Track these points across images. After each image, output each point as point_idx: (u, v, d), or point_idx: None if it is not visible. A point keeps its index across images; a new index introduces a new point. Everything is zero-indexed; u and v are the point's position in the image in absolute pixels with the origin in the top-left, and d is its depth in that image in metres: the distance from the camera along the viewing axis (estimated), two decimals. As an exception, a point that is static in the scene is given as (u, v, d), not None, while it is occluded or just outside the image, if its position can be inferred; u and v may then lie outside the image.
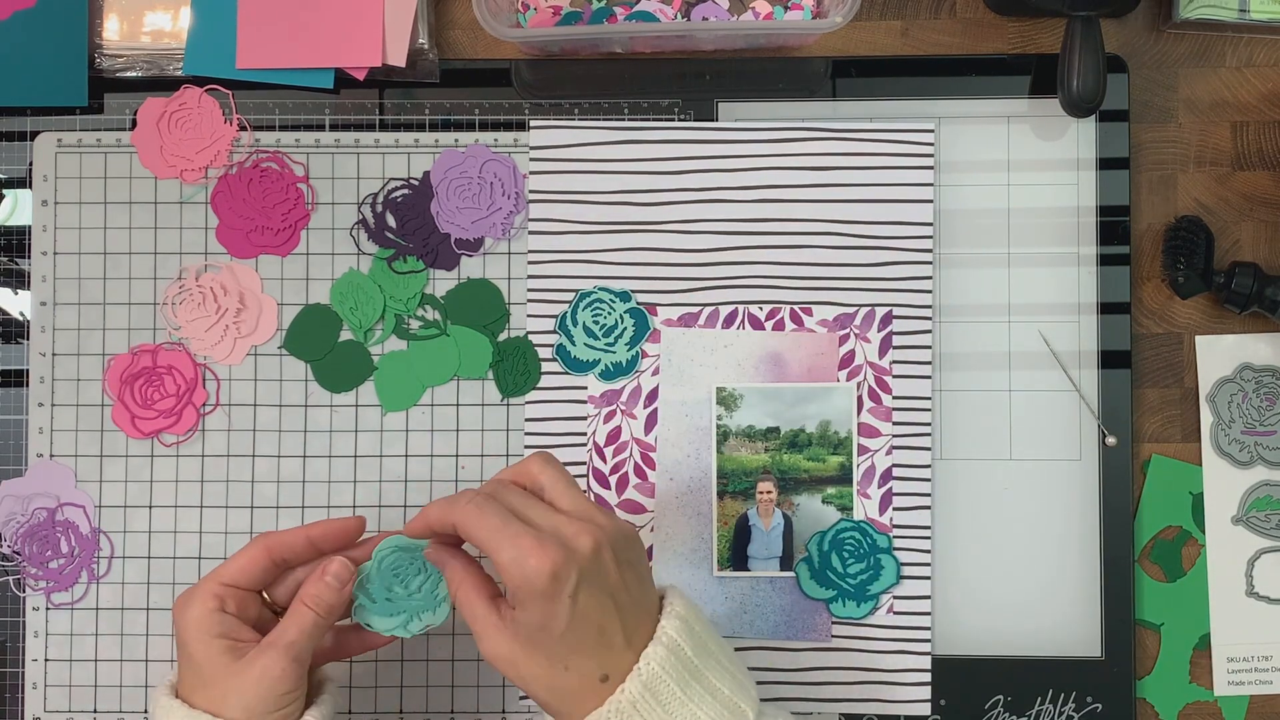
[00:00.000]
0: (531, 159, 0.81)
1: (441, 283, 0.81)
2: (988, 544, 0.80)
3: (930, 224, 0.80)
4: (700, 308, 0.80)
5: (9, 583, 0.80)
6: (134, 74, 0.82)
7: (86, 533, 0.80)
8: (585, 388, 0.80)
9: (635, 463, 0.80)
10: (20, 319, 0.81)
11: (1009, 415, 0.80)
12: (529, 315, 0.81)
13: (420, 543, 0.67)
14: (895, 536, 0.79)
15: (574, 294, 0.80)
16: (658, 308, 0.80)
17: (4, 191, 0.82)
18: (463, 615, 0.64)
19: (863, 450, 0.80)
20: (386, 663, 0.80)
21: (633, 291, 0.80)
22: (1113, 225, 0.81)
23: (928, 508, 0.79)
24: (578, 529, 0.62)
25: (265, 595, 0.68)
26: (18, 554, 0.80)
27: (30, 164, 0.82)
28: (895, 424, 0.80)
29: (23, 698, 0.80)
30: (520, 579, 0.60)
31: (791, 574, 0.79)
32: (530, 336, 0.81)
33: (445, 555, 0.66)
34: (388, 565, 0.67)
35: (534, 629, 0.61)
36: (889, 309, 0.80)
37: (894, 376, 0.80)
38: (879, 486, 0.80)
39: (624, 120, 0.81)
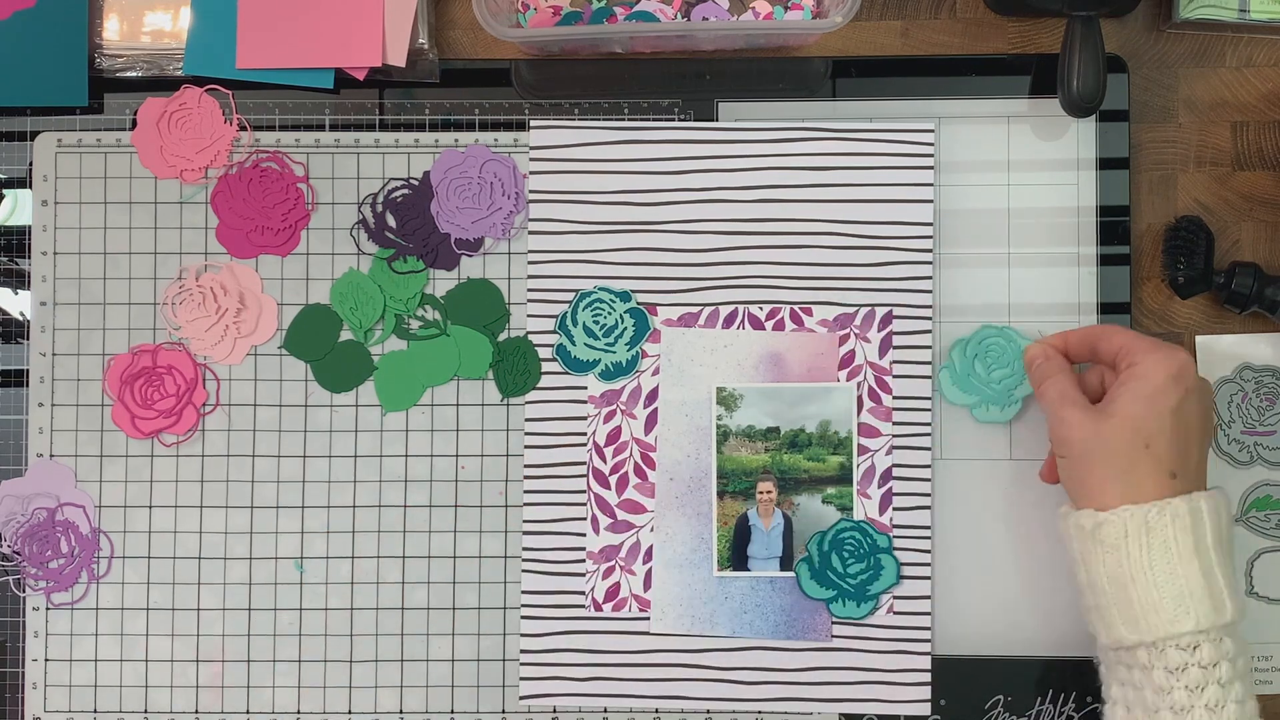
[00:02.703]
0: (531, 159, 0.81)
1: (441, 283, 0.81)
2: (988, 544, 0.80)
3: (930, 224, 0.80)
4: (700, 308, 0.80)
5: (9, 583, 0.80)
6: (134, 74, 0.82)
7: (86, 533, 0.80)
8: (585, 388, 0.80)
9: (635, 463, 0.80)
10: (20, 319, 0.81)
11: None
12: (529, 315, 0.81)
13: (1012, 334, 0.79)
14: (895, 536, 0.79)
15: (574, 294, 0.80)
16: (658, 308, 0.80)
17: (4, 191, 0.82)
18: (1050, 392, 0.73)
19: (863, 450, 0.80)
20: (387, 663, 0.80)
21: (633, 291, 0.80)
22: (1113, 225, 0.81)
23: (928, 508, 0.79)
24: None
25: None
26: (18, 554, 0.80)
27: (30, 164, 0.82)
28: (895, 424, 0.80)
29: (23, 698, 0.80)
30: (1156, 354, 0.70)
31: (791, 574, 0.79)
32: (530, 336, 0.81)
33: (1050, 350, 0.75)
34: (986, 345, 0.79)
35: (1141, 399, 0.69)
36: (889, 309, 0.80)
37: (894, 376, 0.80)
38: (879, 486, 0.80)
39: (624, 120, 0.81)
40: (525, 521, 0.80)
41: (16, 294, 0.82)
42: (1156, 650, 0.67)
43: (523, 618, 0.80)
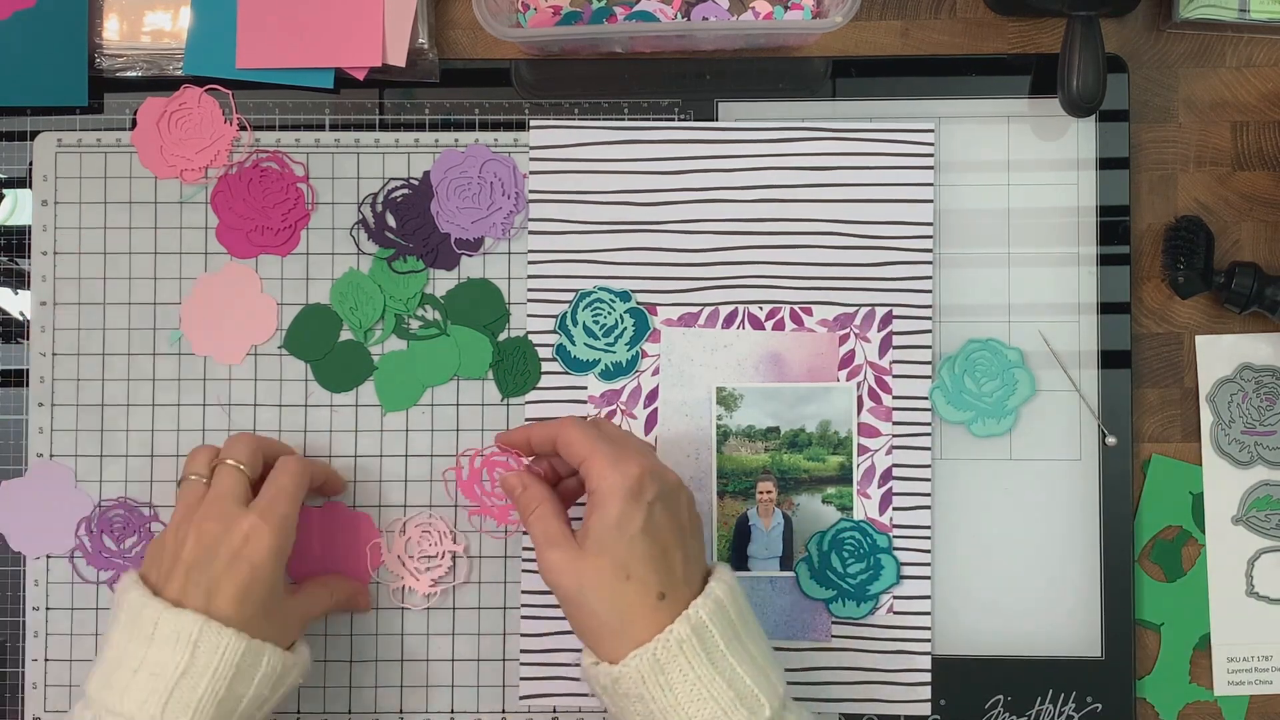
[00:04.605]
0: (531, 159, 0.81)
1: (441, 283, 0.81)
2: (988, 544, 0.80)
3: (930, 224, 0.80)
4: (700, 308, 0.80)
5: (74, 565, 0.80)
6: (134, 74, 0.82)
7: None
8: (585, 388, 0.80)
9: (635, 463, 0.80)
10: (20, 319, 0.81)
11: (1009, 415, 0.80)
12: (529, 315, 0.81)
13: (1005, 349, 0.78)
14: (895, 536, 0.79)
15: (574, 294, 0.80)
16: (658, 308, 0.80)
17: (4, 191, 0.82)
18: (534, 530, 0.69)
19: (863, 450, 0.80)
20: (387, 663, 0.80)
21: (633, 291, 0.80)
22: (1113, 225, 0.81)
23: (928, 508, 0.79)
24: (668, 466, 0.70)
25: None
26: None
27: (30, 164, 0.82)
28: (895, 424, 0.80)
29: (23, 698, 0.80)
30: (613, 476, 0.67)
31: (791, 574, 0.79)
32: (530, 336, 0.81)
33: (529, 479, 0.72)
34: (973, 360, 0.77)
35: (608, 528, 0.66)
36: (889, 309, 0.80)
37: (894, 376, 0.80)
38: (879, 486, 0.80)
39: (624, 120, 0.81)
40: (525, 521, 0.80)
41: (16, 294, 0.82)
42: None
43: (523, 618, 0.80)
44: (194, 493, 0.72)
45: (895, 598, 0.79)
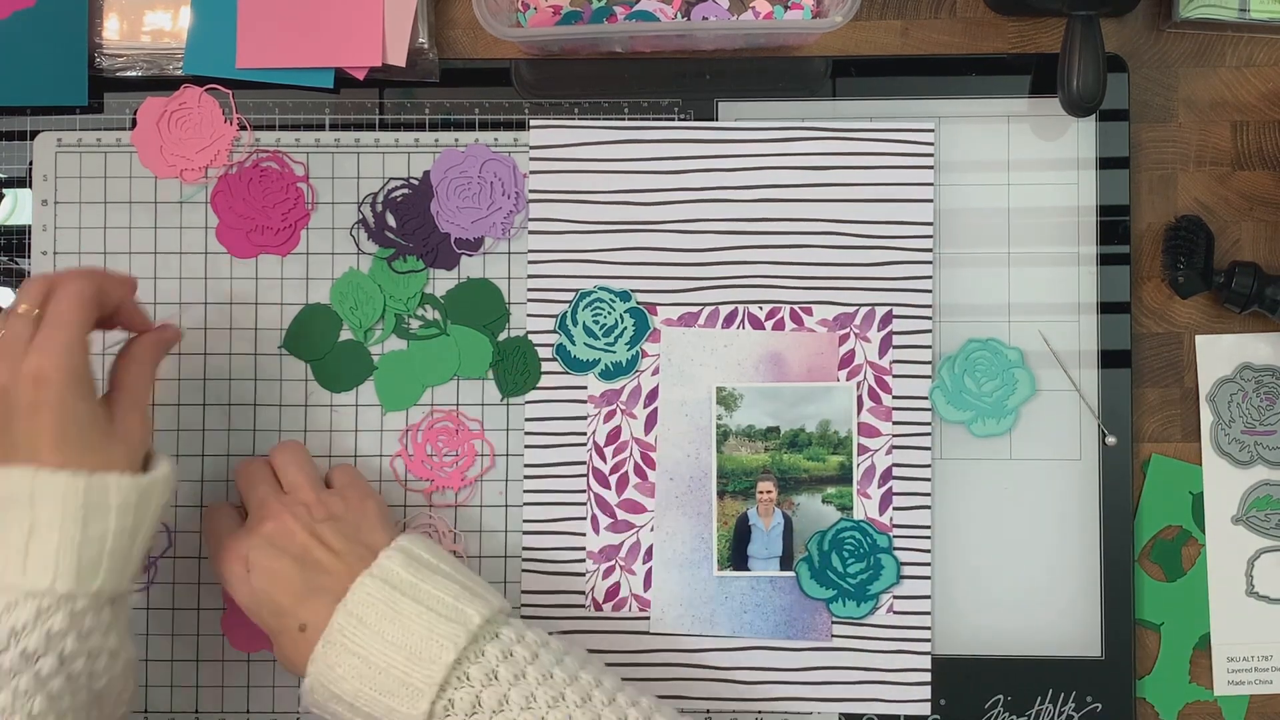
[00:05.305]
0: (531, 159, 0.81)
1: (441, 282, 0.81)
2: (987, 544, 0.80)
3: (930, 224, 0.80)
4: (700, 308, 0.80)
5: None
6: (134, 74, 0.82)
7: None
8: (585, 387, 0.80)
9: (635, 462, 0.80)
10: (20, 319, 0.81)
11: (1009, 415, 0.80)
12: (529, 315, 0.81)
13: (1005, 348, 0.78)
14: (895, 536, 0.79)
15: (574, 294, 0.80)
16: (658, 307, 0.80)
17: (4, 191, 0.82)
18: None
19: (863, 450, 0.80)
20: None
21: (633, 291, 0.80)
22: (1113, 225, 0.81)
23: (928, 507, 0.79)
24: (265, 515, 0.72)
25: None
26: None
27: (30, 164, 0.82)
28: (895, 424, 0.80)
29: (23, 697, 0.80)
30: (217, 576, 0.73)
31: (791, 574, 0.79)
32: (530, 336, 0.81)
33: (226, 510, 0.77)
34: (974, 359, 0.77)
35: (239, 601, 0.71)
36: (889, 309, 0.80)
37: (894, 376, 0.80)
38: (879, 486, 0.80)
39: (624, 120, 0.81)
40: (525, 521, 0.80)
41: (16, 294, 0.82)
42: None
43: (523, 617, 0.80)
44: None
45: (895, 597, 0.79)
